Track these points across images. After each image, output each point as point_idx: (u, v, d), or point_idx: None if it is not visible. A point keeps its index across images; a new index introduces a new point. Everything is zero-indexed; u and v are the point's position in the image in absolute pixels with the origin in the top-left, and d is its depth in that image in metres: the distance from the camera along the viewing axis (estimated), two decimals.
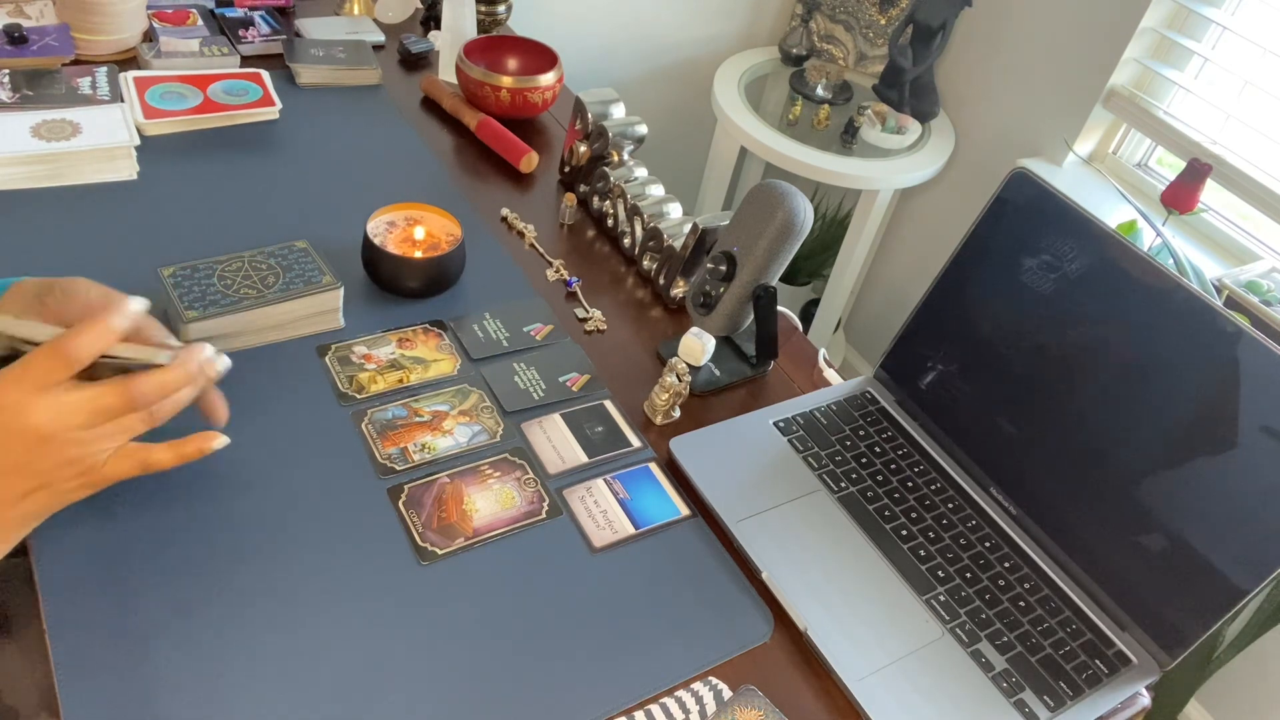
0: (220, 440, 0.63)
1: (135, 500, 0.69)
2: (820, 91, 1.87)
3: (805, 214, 0.84)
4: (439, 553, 0.71)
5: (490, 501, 0.76)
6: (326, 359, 0.84)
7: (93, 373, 0.62)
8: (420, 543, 0.71)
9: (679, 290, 0.99)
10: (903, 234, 2.11)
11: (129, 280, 0.86)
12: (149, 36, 1.18)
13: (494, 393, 0.85)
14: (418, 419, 0.80)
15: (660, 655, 0.68)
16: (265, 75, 1.15)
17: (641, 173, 1.08)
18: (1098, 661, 0.73)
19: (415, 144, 1.15)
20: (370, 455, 0.77)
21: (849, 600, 0.73)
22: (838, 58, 2.02)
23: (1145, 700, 0.74)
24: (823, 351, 1.00)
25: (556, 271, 1.01)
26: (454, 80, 1.27)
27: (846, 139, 1.75)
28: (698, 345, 0.84)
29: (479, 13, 1.37)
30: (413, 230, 0.93)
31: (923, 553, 0.78)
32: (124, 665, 0.60)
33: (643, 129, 1.09)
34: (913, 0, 1.79)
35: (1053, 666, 0.72)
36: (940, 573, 0.77)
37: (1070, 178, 1.69)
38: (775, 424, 0.86)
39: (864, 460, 0.85)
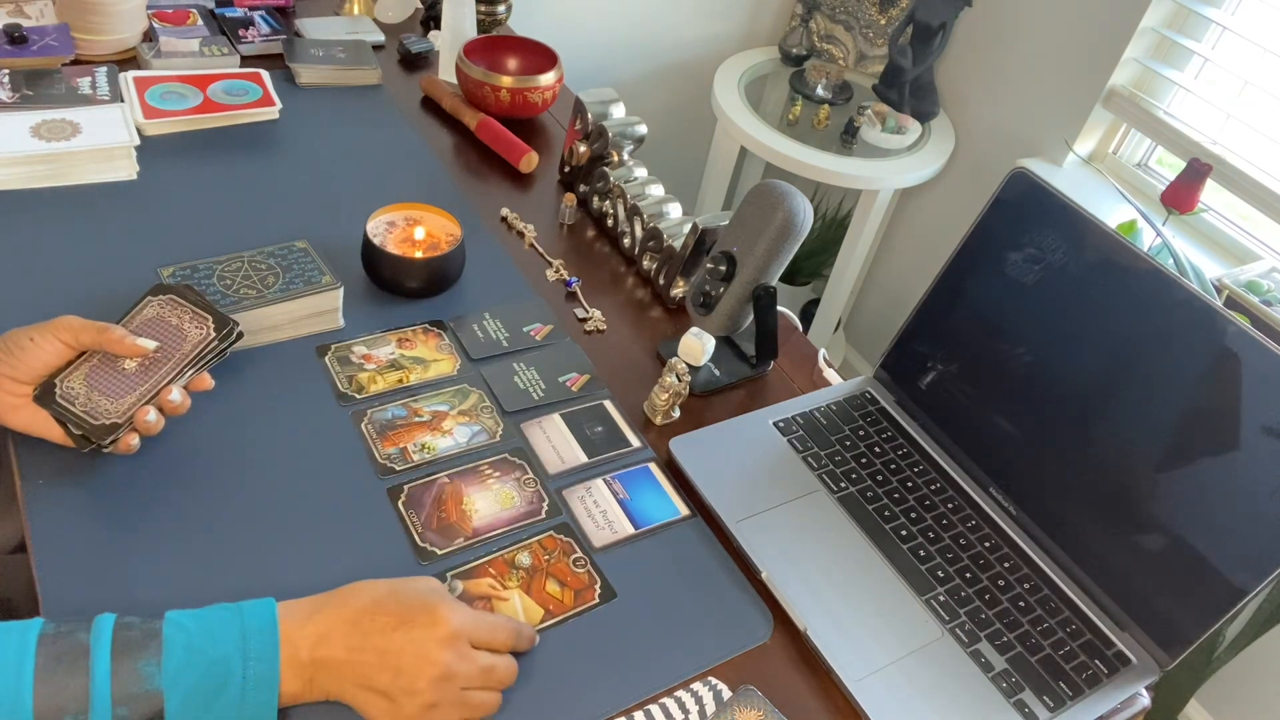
0: None
1: (136, 498, 0.70)
2: (820, 91, 1.87)
3: (805, 214, 0.84)
4: (438, 553, 0.71)
5: (490, 501, 0.76)
6: (326, 359, 0.84)
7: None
8: (420, 543, 0.71)
9: (679, 290, 0.99)
10: (903, 234, 2.11)
11: (129, 280, 0.86)
12: (149, 36, 1.18)
13: (494, 393, 0.85)
14: (417, 419, 0.80)
15: (660, 655, 0.68)
16: (265, 75, 1.15)
17: (641, 173, 1.08)
18: (1097, 661, 0.73)
19: (415, 144, 1.15)
20: (370, 455, 0.77)
21: (849, 600, 0.73)
22: (838, 58, 2.02)
23: (1145, 700, 0.74)
24: (823, 351, 1.00)
25: (556, 271, 1.01)
26: (454, 80, 1.27)
27: (846, 139, 1.75)
28: (698, 345, 0.84)
29: (479, 13, 1.37)
30: (413, 230, 0.93)
31: (922, 553, 0.78)
32: None
33: (643, 129, 1.09)
34: (913, 0, 1.79)
35: (1052, 666, 0.72)
36: (940, 573, 0.77)
37: (1070, 178, 1.69)
38: (775, 424, 0.86)
39: (864, 460, 0.85)
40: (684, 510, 0.79)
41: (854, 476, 0.83)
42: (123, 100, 1.05)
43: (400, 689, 0.57)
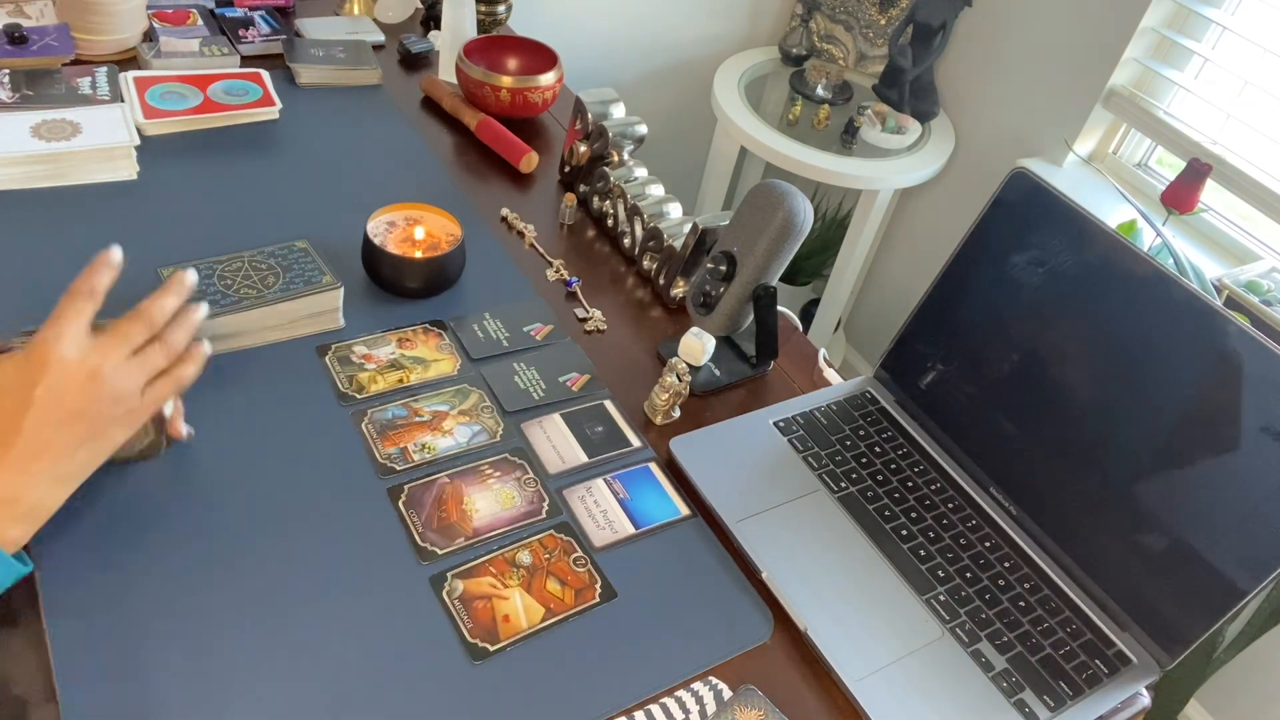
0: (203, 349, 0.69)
1: (135, 496, 0.70)
2: (820, 91, 1.87)
3: (805, 214, 0.84)
4: (439, 552, 0.71)
5: (490, 501, 0.76)
6: (326, 359, 0.84)
7: None
8: (420, 543, 0.71)
9: (679, 290, 0.99)
10: (903, 234, 2.11)
11: (129, 280, 0.86)
12: (149, 36, 1.18)
13: (494, 393, 0.85)
14: (418, 419, 0.80)
15: (660, 655, 0.68)
16: (265, 75, 1.15)
17: (641, 173, 1.08)
18: (1098, 661, 0.73)
19: (415, 144, 1.15)
20: (370, 455, 0.77)
21: (849, 600, 0.73)
22: (838, 58, 2.02)
23: (1145, 700, 0.74)
24: (823, 351, 1.00)
25: (556, 271, 1.01)
26: (454, 80, 1.27)
27: (846, 139, 1.76)
28: (698, 345, 0.84)
29: (479, 13, 1.37)
30: (413, 230, 0.93)
31: (923, 552, 0.78)
32: (121, 660, 0.61)
33: (643, 129, 1.09)
34: (913, 0, 1.79)
35: (1053, 666, 0.72)
36: (940, 572, 0.77)
37: (1070, 178, 1.69)
38: (775, 424, 0.86)
39: (864, 460, 0.85)
40: (684, 510, 0.79)
41: (854, 476, 0.83)
42: (123, 100, 1.05)
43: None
